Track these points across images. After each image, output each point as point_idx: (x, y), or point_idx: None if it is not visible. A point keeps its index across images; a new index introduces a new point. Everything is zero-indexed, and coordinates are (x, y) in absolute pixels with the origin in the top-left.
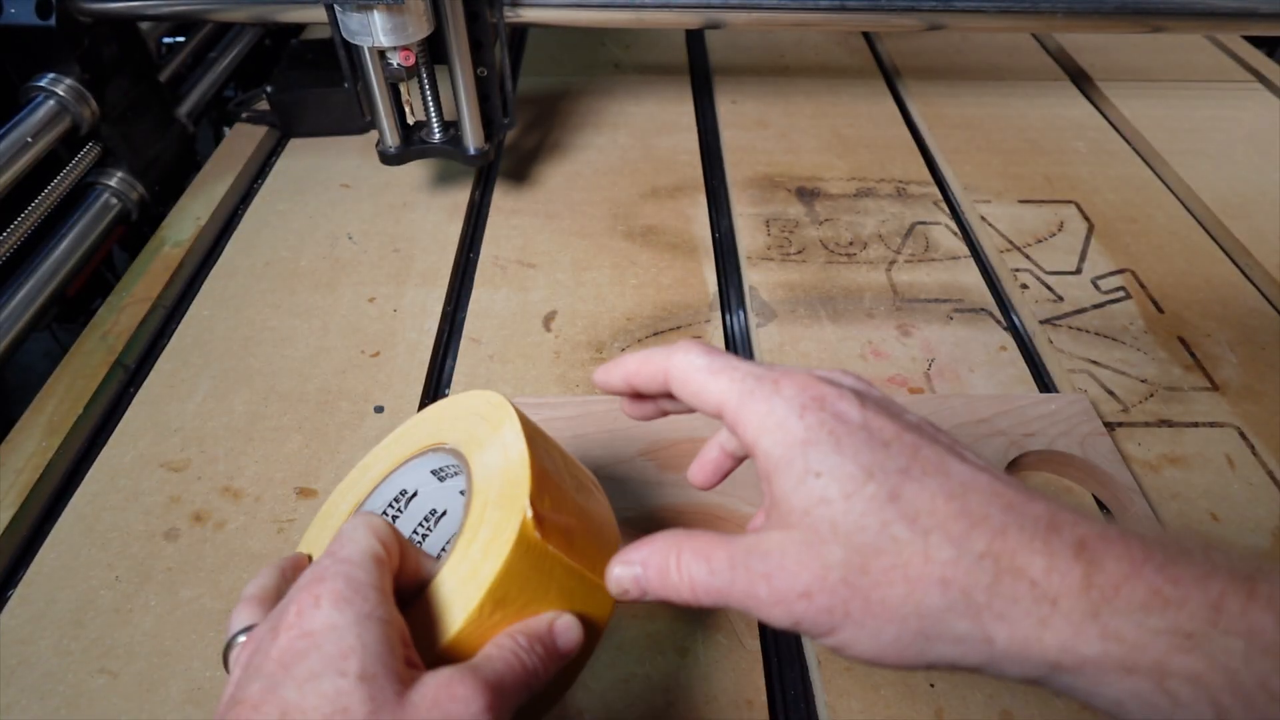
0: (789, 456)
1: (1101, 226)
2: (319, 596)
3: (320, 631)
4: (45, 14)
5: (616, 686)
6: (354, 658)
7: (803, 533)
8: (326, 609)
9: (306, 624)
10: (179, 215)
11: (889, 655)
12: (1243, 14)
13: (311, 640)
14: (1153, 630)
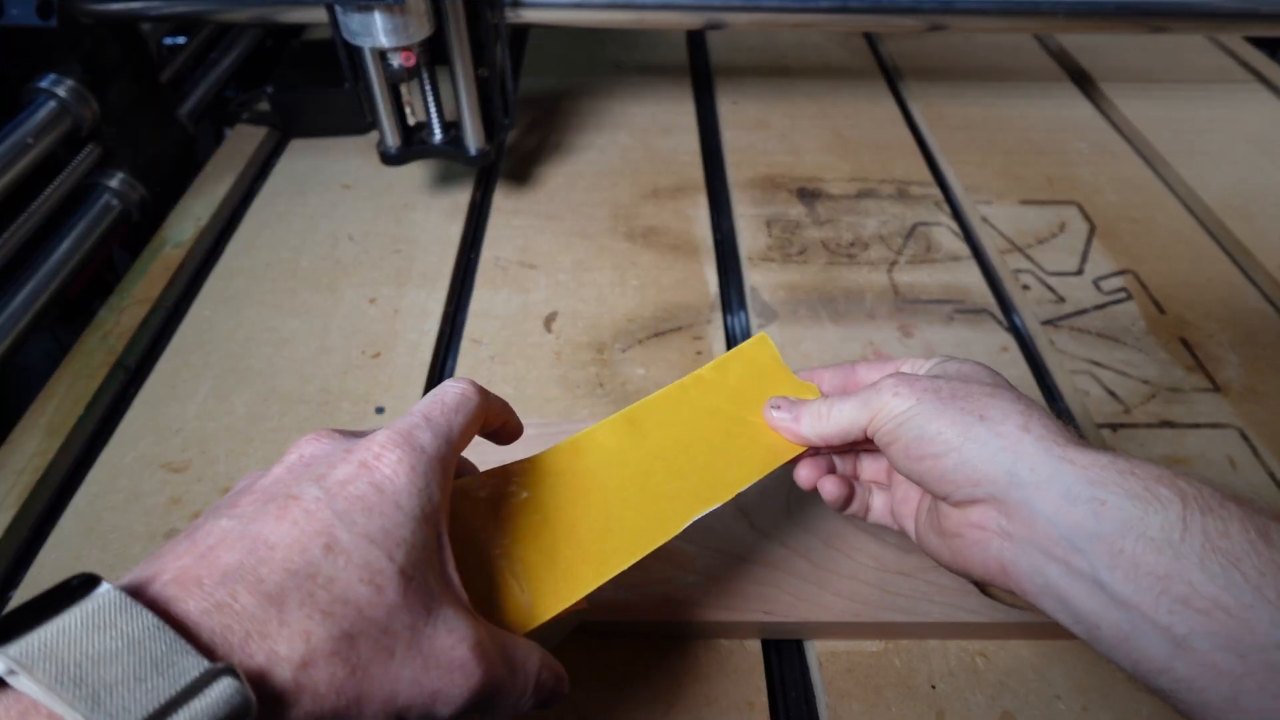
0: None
1: (1103, 227)
2: (404, 464)
3: (389, 499)
4: (46, 15)
5: (617, 688)
6: (403, 551)
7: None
8: (404, 482)
9: (380, 479)
10: (180, 216)
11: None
12: (1244, 14)
13: (380, 499)
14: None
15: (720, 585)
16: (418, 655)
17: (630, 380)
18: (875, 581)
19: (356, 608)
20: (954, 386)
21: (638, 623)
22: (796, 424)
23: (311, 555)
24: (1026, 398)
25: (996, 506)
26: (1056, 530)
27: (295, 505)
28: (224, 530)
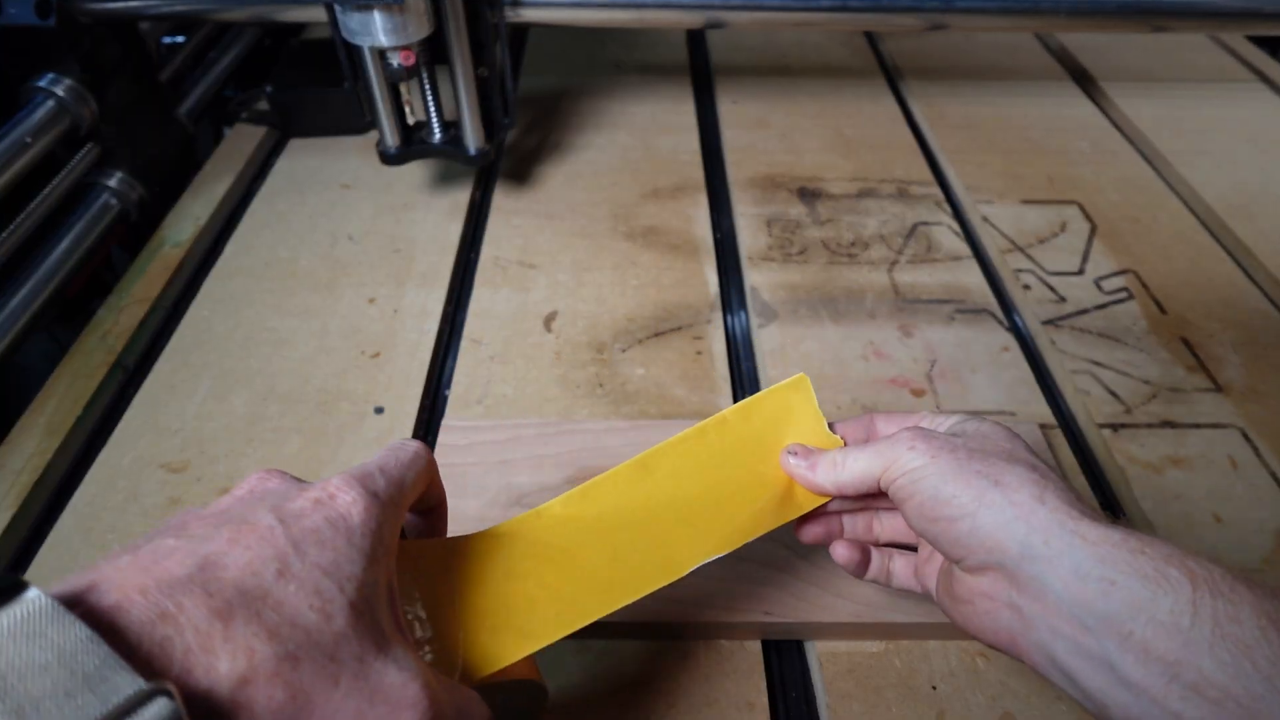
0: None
1: (1104, 227)
2: (359, 504)
3: (342, 535)
4: (45, 14)
5: (617, 690)
6: (354, 585)
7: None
8: (358, 521)
9: (335, 515)
10: (178, 216)
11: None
12: (1246, 14)
13: (334, 534)
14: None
15: (720, 585)
16: (364, 689)
17: (630, 380)
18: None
19: (305, 632)
20: (971, 448)
21: (638, 623)
22: (812, 472)
23: (263, 578)
24: (1043, 465)
25: (1008, 577)
26: (1067, 608)
27: (250, 530)
28: (172, 547)
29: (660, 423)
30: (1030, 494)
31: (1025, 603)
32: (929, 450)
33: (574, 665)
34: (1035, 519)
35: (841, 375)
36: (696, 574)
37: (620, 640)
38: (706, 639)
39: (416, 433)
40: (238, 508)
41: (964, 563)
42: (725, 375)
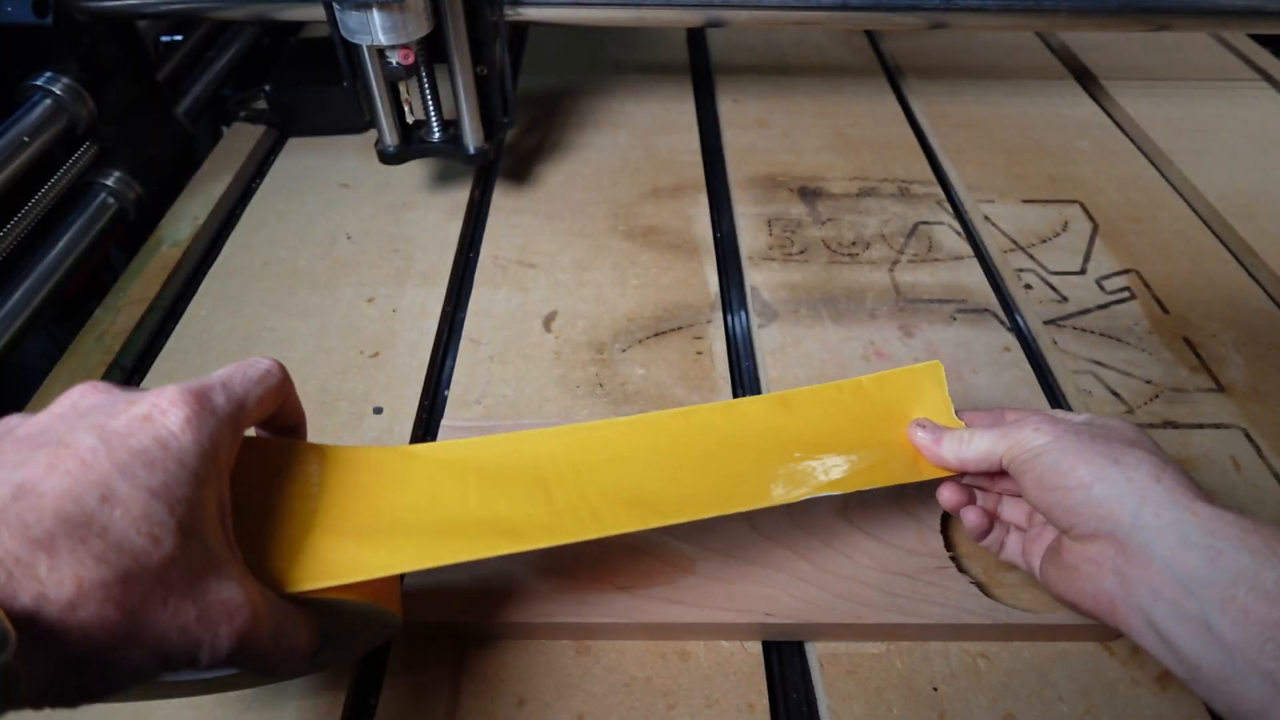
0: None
1: (1106, 226)
2: (192, 422)
3: (173, 455)
4: (42, 12)
5: (617, 691)
6: (184, 507)
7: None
8: (189, 440)
9: (164, 434)
10: (176, 215)
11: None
12: (1249, 12)
13: (164, 454)
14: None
15: (721, 587)
16: (191, 606)
17: (630, 380)
18: (877, 583)
19: (133, 556)
20: (1094, 431)
21: (638, 624)
22: (937, 445)
23: (86, 505)
24: (1166, 455)
25: (1115, 545)
26: (1171, 573)
27: (68, 454)
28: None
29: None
30: (1147, 472)
31: (1130, 569)
32: (1053, 431)
33: (574, 666)
34: (1149, 494)
35: (842, 375)
36: (697, 574)
37: (620, 640)
38: (706, 639)
39: (416, 433)
40: (57, 426)
41: (1074, 530)
42: (725, 375)
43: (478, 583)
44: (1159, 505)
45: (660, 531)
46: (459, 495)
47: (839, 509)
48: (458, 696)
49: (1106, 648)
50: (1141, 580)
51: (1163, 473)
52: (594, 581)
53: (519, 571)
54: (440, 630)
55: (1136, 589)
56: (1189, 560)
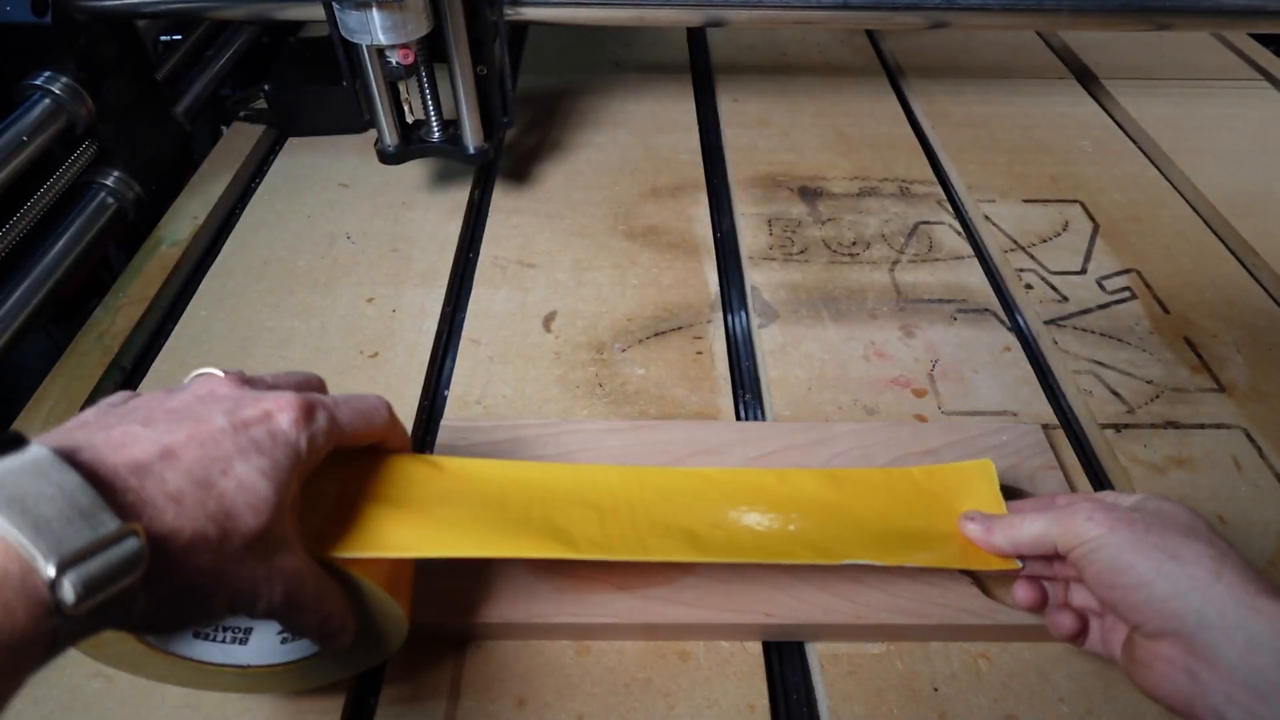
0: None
1: (1107, 226)
2: (297, 426)
3: (280, 448)
4: (41, 11)
5: (617, 691)
6: (281, 492)
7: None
8: (293, 439)
9: (277, 430)
10: (176, 215)
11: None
12: (1250, 11)
13: (273, 446)
14: None
15: (721, 587)
16: (261, 567)
17: (630, 380)
18: (877, 583)
19: (235, 521)
20: (1149, 521)
21: (638, 624)
22: (989, 534)
23: (210, 473)
24: (1223, 542)
25: (1184, 645)
26: (1241, 676)
27: (205, 430)
28: (137, 434)
29: (660, 423)
30: (1207, 569)
31: (1201, 670)
32: (1107, 521)
33: (575, 666)
34: (1211, 592)
35: (843, 375)
36: (697, 575)
37: (620, 641)
38: (706, 639)
39: (415, 433)
40: (197, 406)
41: (1142, 629)
42: (725, 375)
43: (478, 583)
44: (1223, 604)
45: None
46: (523, 505)
47: None
48: (458, 697)
49: None
50: (1213, 682)
51: (1223, 567)
52: (594, 581)
53: (519, 572)
54: (440, 630)
55: (1210, 691)
56: (1258, 663)
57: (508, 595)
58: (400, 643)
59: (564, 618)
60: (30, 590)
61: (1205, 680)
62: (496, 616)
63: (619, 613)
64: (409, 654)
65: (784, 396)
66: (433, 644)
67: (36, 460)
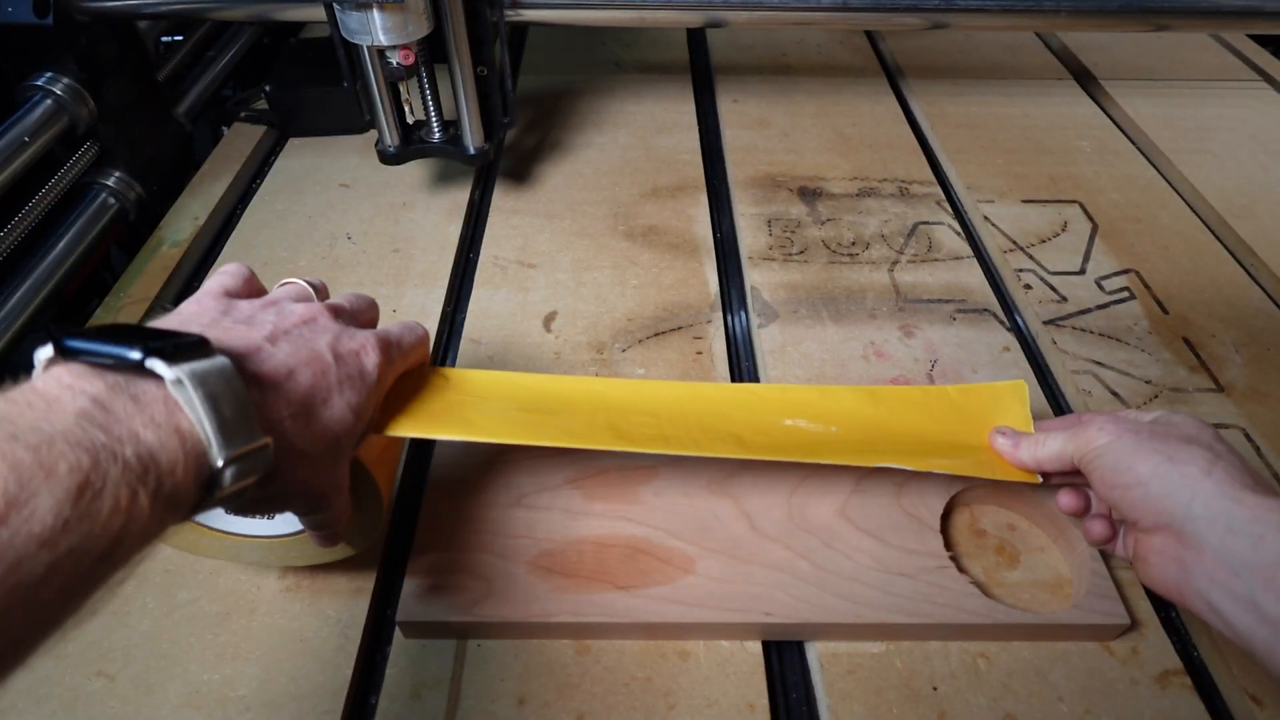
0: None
1: (1106, 226)
2: (380, 363)
3: (366, 383)
4: (43, 12)
5: (617, 691)
6: (360, 420)
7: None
8: (376, 375)
9: (366, 367)
10: (177, 215)
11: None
12: (1248, 12)
13: (362, 381)
14: None
15: (720, 586)
16: (334, 469)
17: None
18: (876, 583)
19: (324, 443)
20: (1154, 429)
21: (638, 624)
22: (1016, 449)
23: (316, 399)
24: (1223, 446)
25: (1174, 536)
26: (1220, 558)
27: (317, 361)
28: (270, 352)
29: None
30: (1199, 468)
31: (1188, 556)
32: (1115, 431)
33: (574, 664)
34: (1199, 487)
35: (842, 375)
36: (697, 574)
37: (620, 640)
38: (706, 639)
39: None
40: (305, 333)
41: (1139, 524)
42: (725, 375)
43: (478, 583)
44: (1208, 497)
45: (660, 531)
46: (590, 410)
47: (839, 509)
48: (458, 696)
49: (1106, 647)
50: (1197, 567)
51: (1214, 466)
52: (594, 581)
53: (519, 571)
54: (440, 630)
55: (1194, 575)
56: (1235, 546)
57: (508, 594)
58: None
59: (564, 617)
60: (198, 472)
61: (1191, 566)
62: (497, 615)
63: (619, 612)
64: (410, 653)
65: None
66: (434, 643)
67: (223, 369)
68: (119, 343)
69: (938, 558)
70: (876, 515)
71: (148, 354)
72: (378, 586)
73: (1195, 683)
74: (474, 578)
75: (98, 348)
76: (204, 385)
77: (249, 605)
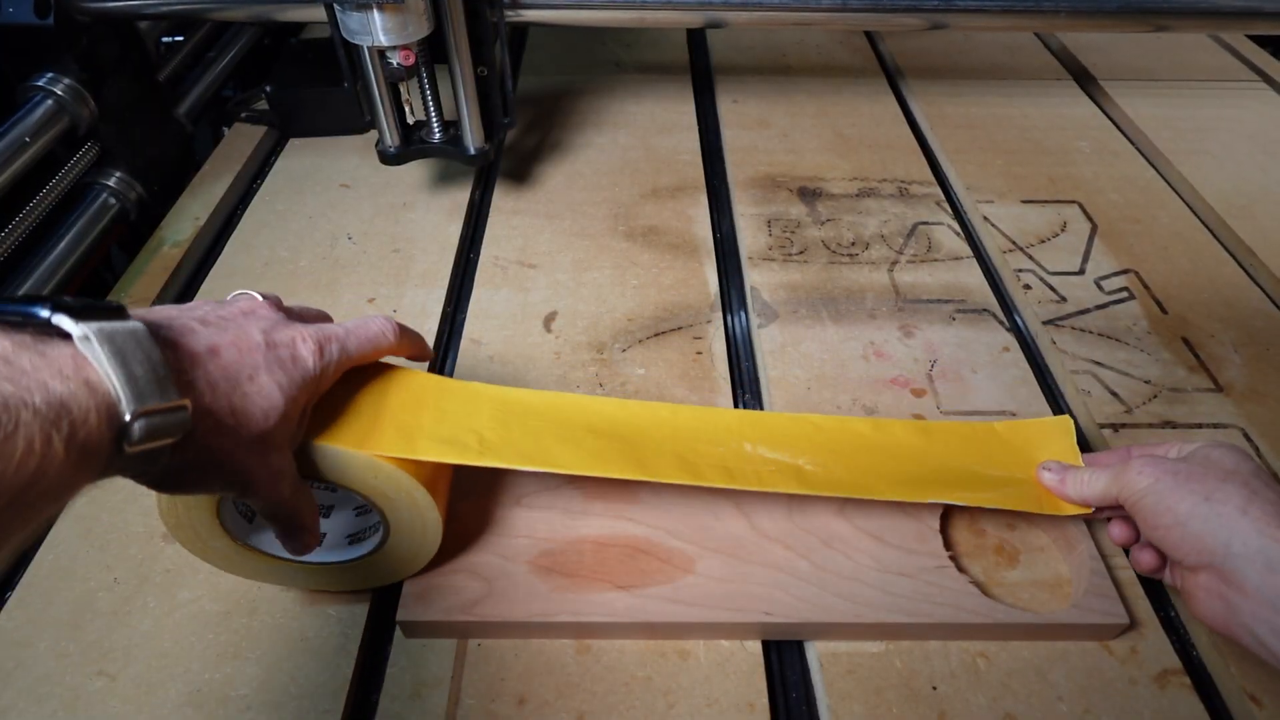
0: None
1: (1105, 227)
2: (314, 356)
3: (298, 370)
4: (44, 13)
5: (617, 690)
6: (288, 404)
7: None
8: (309, 366)
9: (297, 355)
10: (177, 215)
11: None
12: (1247, 13)
13: (294, 368)
14: None
15: (720, 586)
16: (259, 461)
17: (630, 380)
18: (876, 582)
19: (247, 419)
20: (1191, 470)
21: (638, 623)
22: (1062, 485)
23: (240, 376)
24: (1260, 482)
25: (1217, 573)
26: (1263, 595)
27: (245, 339)
28: (195, 329)
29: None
30: (1235, 506)
31: (1231, 594)
32: (1154, 474)
33: (574, 664)
34: (1237, 526)
35: (842, 375)
36: (697, 574)
37: (620, 640)
38: (706, 638)
39: None
40: (240, 320)
41: (1184, 563)
42: (725, 375)
43: (478, 582)
44: (1246, 536)
45: (660, 531)
46: (657, 440)
47: (838, 509)
48: (458, 696)
49: (1105, 647)
50: (1242, 603)
51: (1250, 504)
52: (594, 581)
53: (519, 571)
54: (441, 630)
55: (1240, 611)
56: (1276, 583)
57: (508, 594)
58: (433, 549)
59: (564, 616)
60: (109, 422)
61: (1236, 603)
62: (497, 615)
63: (619, 611)
64: (411, 652)
65: (783, 396)
66: (434, 642)
67: (134, 330)
68: (29, 302)
69: (937, 557)
70: (876, 515)
71: (55, 310)
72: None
73: (1194, 682)
74: (474, 577)
75: (5, 306)
76: (111, 342)
77: (250, 605)
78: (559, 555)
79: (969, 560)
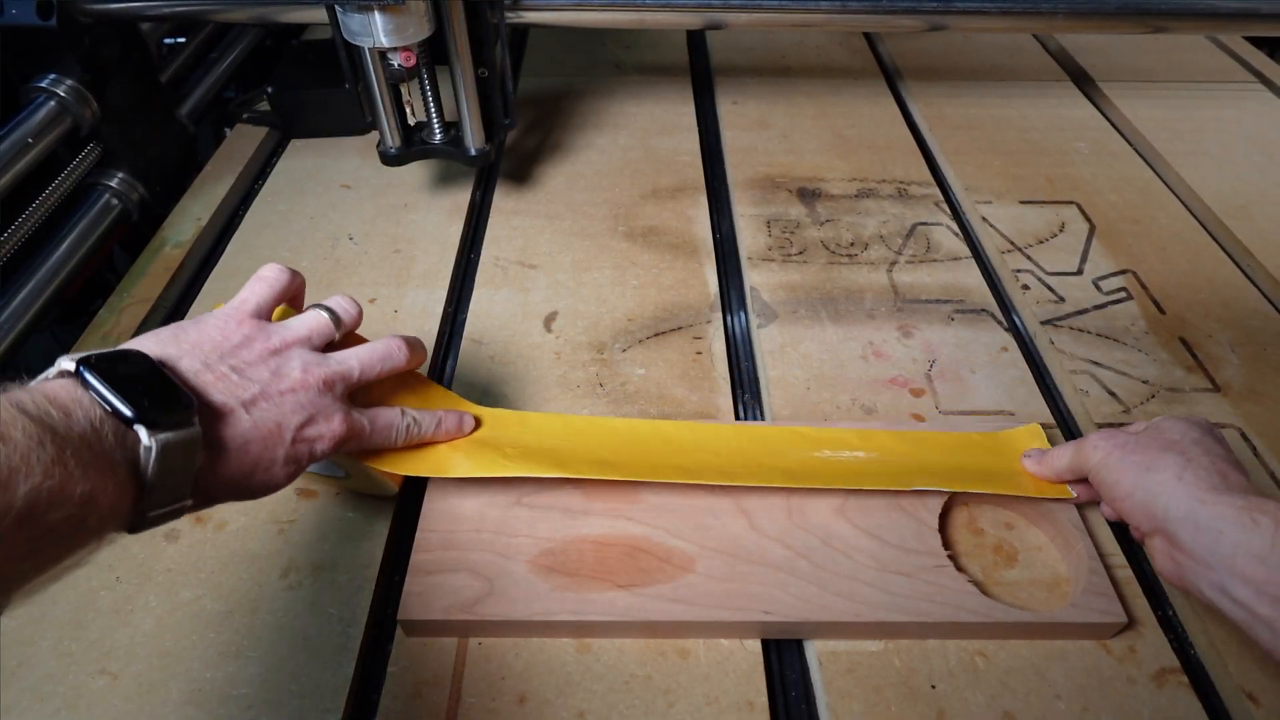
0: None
1: (1103, 227)
2: (318, 392)
3: (311, 389)
4: (46, 15)
5: (617, 689)
6: (294, 432)
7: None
8: (315, 395)
9: (316, 452)
10: (179, 216)
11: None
12: (1244, 14)
13: (305, 461)
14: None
15: (720, 585)
16: (265, 467)
17: (630, 380)
18: (875, 581)
19: (249, 491)
20: (1138, 442)
21: (638, 622)
22: (1039, 466)
23: (254, 470)
24: (1199, 449)
25: (1165, 537)
26: (1197, 553)
27: (275, 436)
28: (236, 420)
29: (660, 422)
30: (1171, 474)
31: (1176, 554)
32: (1106, 448)
33: (574, 663)
34: (1173, 493)
35: (841, 375)
36: (697, 574)
37: (620, 639)
38: (706, 637)
39: None
40: (286, 403)
41: (1139, 529)
42: (725, 375)
43: (479, 581)
44: (1179, 500)
45: (660, 531)
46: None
47: (838, 508)
48: (459, 694)
49: (1104, 646)
50: (1186, 563)
51: (1185, 471)
52: (594, 580)
53: (520, 570)
54: (442, 629)
55: (1186, 570)
56: (1203, 541)
57: (509, 593)
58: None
59: (565, 615)
60: (127, 517)
61: (1182, 562)
62: (497, 614)
63: (619, 611)
64: (411, 651)
65: (783, 396)
66: (434, 642)
67: (189, 442)
68: (122, 394)
69: (936, 557)
70: (875, 514)
71: (137, 420)
72: (379, 585)
73: (1192, 681)
74: (475, 576)
75: (105, 394)
76: (165, 457)
77: (251, 604)
78: (559, 554)
79: (968, 559)
